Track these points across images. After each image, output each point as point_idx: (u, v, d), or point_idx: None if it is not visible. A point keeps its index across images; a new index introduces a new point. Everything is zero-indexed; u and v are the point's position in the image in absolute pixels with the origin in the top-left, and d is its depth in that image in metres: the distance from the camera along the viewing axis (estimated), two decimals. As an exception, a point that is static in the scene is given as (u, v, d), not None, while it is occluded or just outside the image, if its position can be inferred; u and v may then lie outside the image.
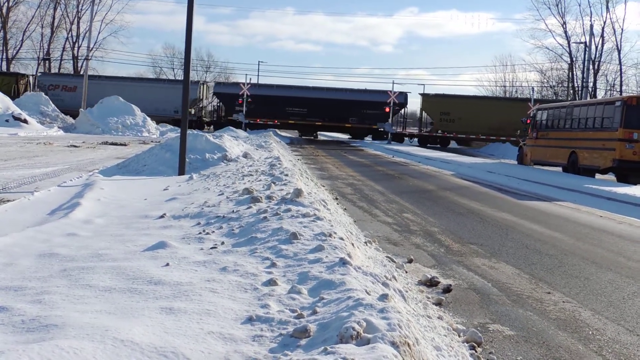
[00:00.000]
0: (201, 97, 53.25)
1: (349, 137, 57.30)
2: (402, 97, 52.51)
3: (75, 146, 25.33)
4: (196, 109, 53.72)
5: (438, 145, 49.86)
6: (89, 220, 7.85)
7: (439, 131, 50.30)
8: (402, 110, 54.61)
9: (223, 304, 4.28)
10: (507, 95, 52.86)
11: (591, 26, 50.52)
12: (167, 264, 5.37)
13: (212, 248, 6.13)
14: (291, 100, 50.84)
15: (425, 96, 52.53)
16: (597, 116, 22.99)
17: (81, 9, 70.59)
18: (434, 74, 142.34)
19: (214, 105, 58.36)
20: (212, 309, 4.15)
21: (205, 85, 55.00)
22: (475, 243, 9.09)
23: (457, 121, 49.15)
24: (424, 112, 53.09)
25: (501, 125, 48.09)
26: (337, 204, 12.21)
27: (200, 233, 6.89)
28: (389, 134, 50.71)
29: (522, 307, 5.94)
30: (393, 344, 3.35)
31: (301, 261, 5.44)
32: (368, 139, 53.43)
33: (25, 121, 36.11)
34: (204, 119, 54.49)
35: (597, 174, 23.09)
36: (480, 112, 48.77)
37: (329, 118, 51.64)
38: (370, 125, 51.86)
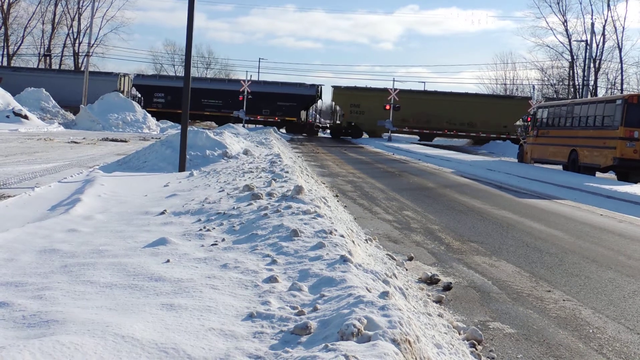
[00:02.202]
0: (122, 89, 53.79)
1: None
2: (314, 90, 53.85)
3: (75, 142, 25.33)
4: None
5: (349, 137, 51.90)
6: (90, 216, 7.85)
7: (350, 122, 52.17)
8: (316, 102, 56.21)
9: (224, 300, 4.28)
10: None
11: (592, 24, 50.48)
12: (168, 261, 5.37)
13: (212, 245, 6.13)
14: (207, 92, 51.66)
15: (336, 89, 54.16)
16: (597, 114, 22.98)
17: (82, 6, 70.61)
18: (435, 72, 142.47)
19: (133, 97, 58.62)
20: (213, 305, 4.15)
21: (126, 77, 55.51)
22: (475, 241, 9.09)
23: (366, 113, 50.88)
24: (335, 104, 55.03)
25: (411, 117, 50.64)
26: (338, 201, 12.21)
27: (200, 230, 6.89)
28: (389, 132, 50.76)
29: (523, 305, 5.94)
30: (394, 341, 3.35)
31: (302, 258, 5.44)
32: (283, 131, 54.22)
33: (25, 117, 36.11)
34: None
35: (597, 172, 23.09)
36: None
37: (244, 111, 52.30)
38: (283, 117, 52.78)
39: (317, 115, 60.17)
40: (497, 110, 50.08)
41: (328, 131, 55.96)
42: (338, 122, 54.57)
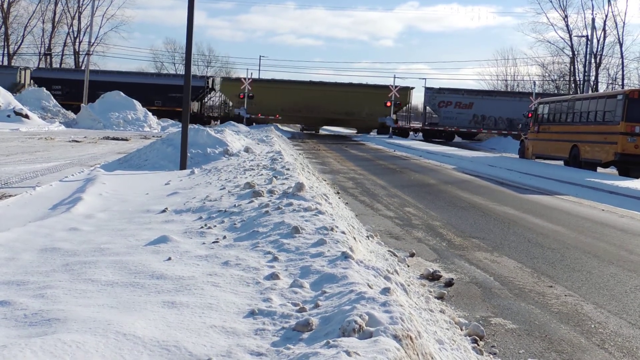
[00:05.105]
0: (21, 82, 54.30)
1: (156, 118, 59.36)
2: (203, 82, 55.06)
3: (76, 141, 25.33)
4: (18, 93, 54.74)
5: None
6: (91, 215, 7.85)
7: (238, 113, 53.58)
8: (208, 94, 57.83)
9: (225, 297, 4.28)
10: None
11: (593, 20, 50.29)
12: (169, 258, 5.37)
13: (214, 242, 6.13)
14: (104, 85, 51.88)
15: (224, 80, 56.56)
16: (599, 110, 22.94)
17: (82, 4, 70.61)
18: (435, 68, 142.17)
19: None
20: (214, 302, 4.15)
21: (26, 71, 56.33)
22: (477, 237, 9.08)
23: (253, 103, 52.36)
24: (223, 95, 57.06)
25: (303, 107, 52.84)
26: (339, 198, 12.20)
27: (202, 227, 6.89)
28: (391, 128, 50.83)
29: (524, 301, 5.94)
30: (395, 337, 3.34)
31: (303, 255, 5.44)
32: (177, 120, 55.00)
33: (26, 116, 36.14)
34: None
35: (598, 168, 23.06)
36: (278, 96, 52.47)
37: (139, 101, 52.94)
38: (175, 108, 53.18)
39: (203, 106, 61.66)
40: (378, 100, 51.69)
41: (219, 121, 57.15)
42: (227, 112, 56.56)
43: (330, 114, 53.54)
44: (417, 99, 54.30)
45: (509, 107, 50.20)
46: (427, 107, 53.16)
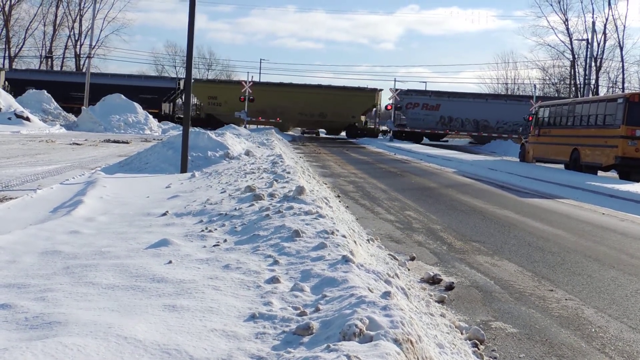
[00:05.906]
0: None
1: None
2: (174, 83, 56.00)
3: (77, 144, 25.35)
4: None
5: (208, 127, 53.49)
6: (92, 218, 7.86)
7: (209, 114, 54.75)
8: (179, 95, 58.37)
9: (226, 301, 4.28)
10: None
11: (593, 23, 50.41)
12: (170, 262, 5.38)
13: (214, 246, 6.14)
14: (75, 86, 52.58)
15: (196, 81, 56.90)
16: (599, 113, 22.95)
17: (83, 7, 70.76)
18: (435, 72, 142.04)
19: (7, 90, 59.53)
20: (215, 306, 4.15)
21: (1, 72, 56.79)
22: (477, 241, 9.08)
23: (223, 104, 53.50)
24: (194, 96, 57.62)
25: (268, 108, 53.72)
26: (339, 201, 12.20)
27: (202, 231, 6.90)
28: (391, 131, 50.89)
29: (525, 305, 5.94)
30: (396, 341, 3.35)
31: (304, 259, 5.45)
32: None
33: (27, 119, 36.18)
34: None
35: (599, 171, 23.06)
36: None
37: None
38: (146, 109, 53.55)
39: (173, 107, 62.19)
40: (346, 102, 52.61)
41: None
42: (198, 113, 57.31)
43: (301, 116, 54.42)
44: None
45: (475, 109, 50.43)
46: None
